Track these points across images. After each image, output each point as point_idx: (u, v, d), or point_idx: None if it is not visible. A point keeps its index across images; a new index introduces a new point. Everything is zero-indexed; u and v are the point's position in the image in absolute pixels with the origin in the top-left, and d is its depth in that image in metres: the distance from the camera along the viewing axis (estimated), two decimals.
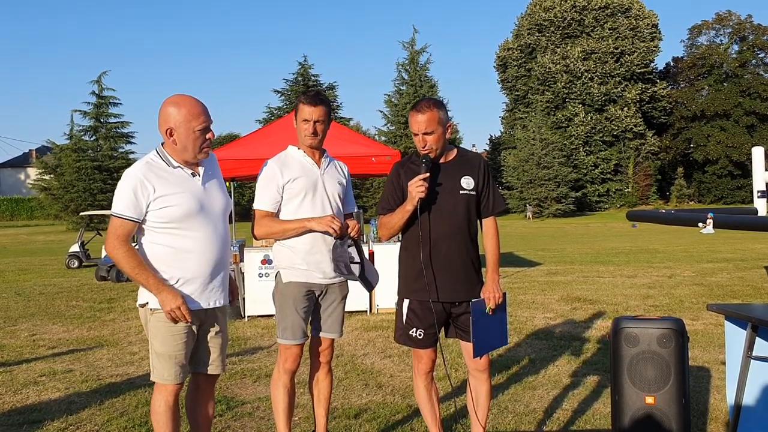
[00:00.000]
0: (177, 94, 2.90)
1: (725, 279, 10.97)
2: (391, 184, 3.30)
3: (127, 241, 2.80)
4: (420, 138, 3.18)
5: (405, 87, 48.18)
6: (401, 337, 3.34)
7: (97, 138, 43.50)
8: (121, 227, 2.79)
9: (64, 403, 4.72)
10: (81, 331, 7.54)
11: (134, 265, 2.78)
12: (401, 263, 3.36)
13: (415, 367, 3.40)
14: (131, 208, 2.78)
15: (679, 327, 3.23)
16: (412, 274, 3.26)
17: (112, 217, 2.82)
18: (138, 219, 2.80)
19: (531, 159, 46.59)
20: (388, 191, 3.30)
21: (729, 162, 51.74)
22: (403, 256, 3.34)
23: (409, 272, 3.28)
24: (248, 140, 9.44)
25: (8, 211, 55.97)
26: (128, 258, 2.77)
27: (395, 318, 3.41)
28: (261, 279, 8.11)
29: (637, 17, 52.18)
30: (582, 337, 6.56)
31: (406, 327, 3.30)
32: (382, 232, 3.33)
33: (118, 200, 2.80)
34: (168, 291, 2.80)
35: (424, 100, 3.20)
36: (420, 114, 3.15)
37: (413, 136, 3.22)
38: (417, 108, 3.18)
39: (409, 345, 3.32)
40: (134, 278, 2.80)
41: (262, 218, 3.35)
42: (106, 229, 2.92)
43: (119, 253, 2.78)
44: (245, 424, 4.19)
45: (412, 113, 3.19)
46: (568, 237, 26.37)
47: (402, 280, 3.35)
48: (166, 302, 2.79)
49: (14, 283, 12.68)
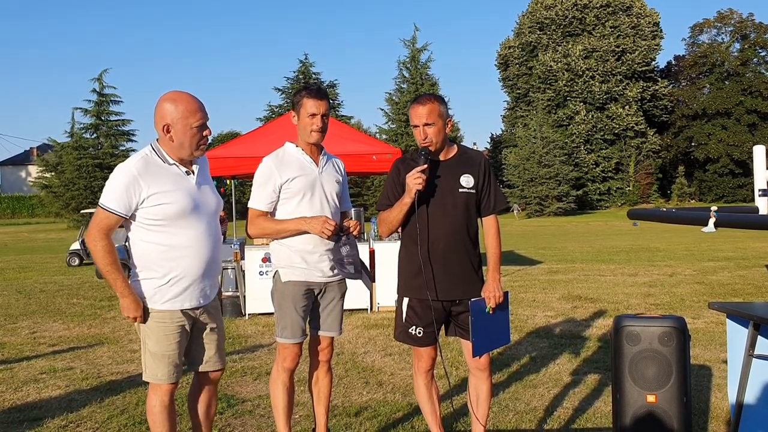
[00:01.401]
0: (173, 90, 2.88)
1: (726, 277, 10.95)
2: (391, 181, 3.30)
3: (108, 235, 2.77)
4: (420, 130, 3.17)
5: (406, 85, 48.13)
6: (401, 334, 3.34)
7: (98, 136, 43.55)
8: (106, 219, 2.76)
9: (65, 400, 4.72)
10: (81, 329, 7.54)
11: (109, 261, 2.76)
12: (400, 261, 3.36)
13: (416, 365, 3.39)
14: (120, 204, 2.75)
15: (681, 325, 3.21)
16: (411, 272, 3.26)
17: (98, 207, 2.78)
18: (125, 215, 2.78)
19: (532, 157, 46.53)
20: (388, 187, 3.30)
21: (730, 160, 51.67)
22: (402, 253, 3.34)
23: (408, 270, 3.28)
24: (249, 138, 9.43)
25: (9, 209, 56.03)
26: (105, 253, 2.76)
27: (395, 316, 3.41)
28: (261, 277, 8.10)
29: (639, 15, 52.08)
30: (583, 335, 6.55)
31: (405, 325, 3.30)
32: (381, 228, 3.33)
33: (108, 192, 2.77)
34: (131, 298, 2.79)
35: (425, 94, 3.23)
36: (421, 106, 3.16)
37: (413, 129, 3.21)
38: (418, 100, 3.20)
39: (409, 343, 3.32)
40: (105, 274, 2.78)
41: (257, 218, 3.33)
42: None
43: (98, 245, 2.75)
44: (245, 422, 4.19)
45: (414, 105, 3.19)
46: (569, 235, 26.36)
47: (401, 278, 3.35)
48: (127, 308, 2.80)
49: (15, 281, 12.69)
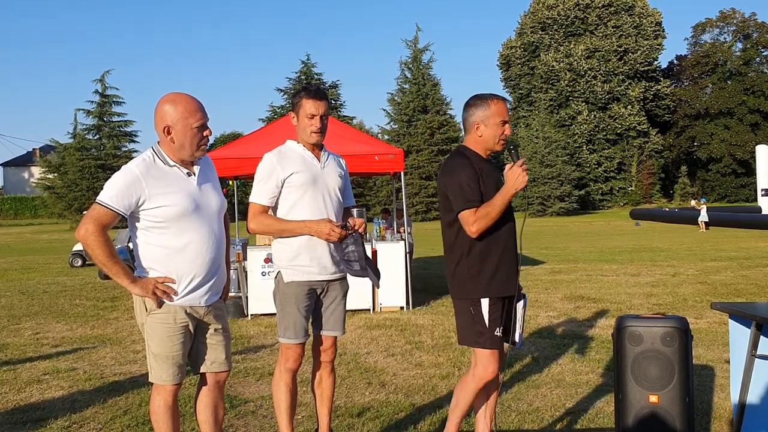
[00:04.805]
0: (173, 92, 2.88)
1: (729, 277, 10.93)
2: (468, 176, 3.11)
3: (105, 230, 2.75)
4: (508, 126, 3.21)
5: (408, 85, 48.19)
6: (489, 341, 3.14)
7: (100, 137, 43.67)
8: (105, 216, 2.73)
9: (68, 401, 4.72)
10: (84, 330, 7.56)
11: (108, 253, 2.73)
12: (473, 260, 3.15)
13: (489, 370, 3.18)
14: (120, 201, 2.73)
15: (683, 325, 3.21)
16: (490, 271, 3.15)
17: (96, 203, 2.75)
18: (124, 213, 2.76)
19: (534, 157, 46.51)
20: (471, 183, 3.09)
21: (733, 160, 51.59)
22: (475, 252, 3.15)
23: (488, 269, 3.16)
24: (251, 139, 9.44)
25: (12, 210, 56.14)
26: (102, 244, 2.72)
27: (463, 323, 3.21)
28: (264, 277, 8.10)
29: (641, 15, 52.02)
30: (585, 335, 6.55)
31: (491, 328, 3.14)
32: (479, 224, 3.07)
33: (108, 190, 2.75)
34: (140, 281, 2.80)
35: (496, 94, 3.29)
36: (506, 102, 3.23)
37: (499, 124, 3.17)
38: (499, 97, 3.22)
39: (496, 347, 3.17)
40: (105, 266, 2.75)
41: (259, 214, 3.31)
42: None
43: (98, 239, 2.71)
44: (248, 423, 4.20)
45: (500, 101, 3.20)
46: (572, 235, 26.33)
47: (477, 277, 3.16)
48: (140, 290, 2.79)
49: (18, 282, 12.71)
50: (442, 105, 47.70)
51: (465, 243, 3.15)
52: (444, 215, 3.23)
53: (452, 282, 3.24)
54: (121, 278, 2.77)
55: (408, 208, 17.23)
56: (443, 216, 3.25)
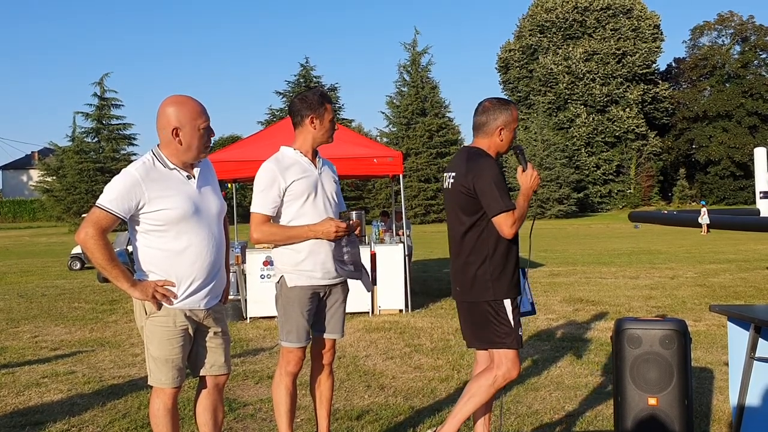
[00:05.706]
0: (175, 94, 2.88)
1: (728, 280, 10.95)
2: (500, 179, 3.12)
3: (105, 233, 2.75)
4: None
5: (407, 88, 48.19)
6: (517, 340, 3.17)
7: (99, 140, 43.63)
8: (105, 219, 2.73)
9: (66, 404, 4.72)
10: (83, 333, 7.55)
11: (108, 257, 2.73)
12: (498, 262, 3.15)
13: (515, 370, 3.19)
14: (120, 204, 2.74)
15: (682, 328, 3.22)
16: (510, 271, 3.19)
17: (95, 207, 2.75)
18: (124, 216, 2.76)
19: (533, 160, 46.52)
20: (502, 186, 3.11)
21: (731, 163, 51.66)
22: (498, 254, 3.15)
23: (508, 269, 3.18)
24: (250, 142, 9.44)
25: (10, 213, 56.09)
26: (102, 248, 2.72)
27: (481, 325, 3.20)
28: (263, 280, 8.10)
29: (639, 18, 52.13)
30: (584, 338, 6.55)
31: (516, 328, 3.17)
32: (517, 226, 3.11)
33: (108, 193, 2.75)
34: (139, 285, 2.81)
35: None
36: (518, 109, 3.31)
37: (513, 132, 3.26)
38: (514, 104, 3.28)
39: (521, 346, 3.20)
40: (105, 269, 2.75)
41: (263, 223, 3.29)
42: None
43: (98, 243, 2.71)
44: (247, 426, 4.19)
45: (514, 107, 3.27)
46: (570, 238, 26.34)
47: (501, 279, 3.16)
48: (139, 293, 2.79)
49: (17, 285, 12.69)
50: (440, 108, 47.73)
51: (489, 245, 3.14)
52: (465, 216, 3.17)
53: (471, 284, 3.18)
54: (121, 281, 2.78)
55: (407, 211, 17.23)
56: (463, 217, 3.18)
